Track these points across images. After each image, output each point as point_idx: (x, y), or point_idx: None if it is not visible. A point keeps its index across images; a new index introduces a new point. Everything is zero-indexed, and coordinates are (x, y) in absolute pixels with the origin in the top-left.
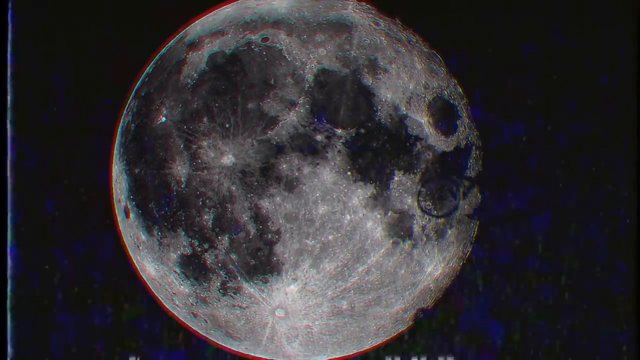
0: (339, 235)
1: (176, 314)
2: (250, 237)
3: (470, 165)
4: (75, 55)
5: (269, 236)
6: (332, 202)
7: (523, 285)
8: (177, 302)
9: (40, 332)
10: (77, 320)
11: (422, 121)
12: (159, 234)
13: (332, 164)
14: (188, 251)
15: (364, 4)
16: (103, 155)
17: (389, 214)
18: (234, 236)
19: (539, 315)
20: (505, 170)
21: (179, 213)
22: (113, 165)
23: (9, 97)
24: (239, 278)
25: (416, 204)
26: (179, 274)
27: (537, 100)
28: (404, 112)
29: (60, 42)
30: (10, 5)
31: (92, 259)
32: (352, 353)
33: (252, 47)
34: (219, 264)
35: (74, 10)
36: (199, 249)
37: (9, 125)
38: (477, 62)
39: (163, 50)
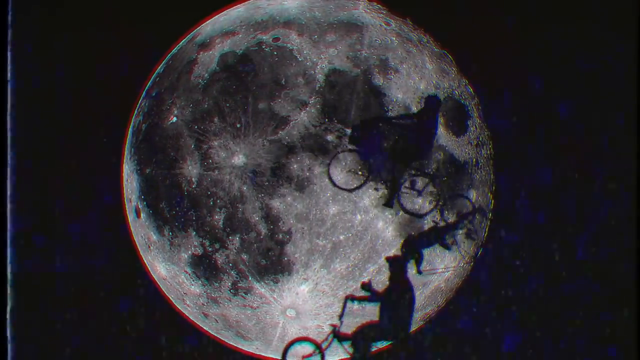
0: (350, 235)
1: (187, 314)
2: (261, 237)
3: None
4: (85, 55)
5: (280, 236)
6: (343, 202)
7: (523, 284)
8: (188, 302)
9: (42, 331)
10: (79, 320)
11: None
12: (170, 234)
13: (343, 164)
14: (199, 251)
15: (375, 4)
16: (114, 155)
17: (400, 214)
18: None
19: (539, 314)
20: (506, 170)
21: (189, 213)
22: (124, 165)
23: (9, 97)
24: (250, 278)
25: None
26: (190, 274)
27: (539, 100)
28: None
29: (70, 42)
30: (9, 4)
31: (101, 258)
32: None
33: (263, 47)
34: (230, 264)
35: (84, 10)
36: (209, 249)
37: (9, 126)
38: (488, 62)
39: (174, 50)
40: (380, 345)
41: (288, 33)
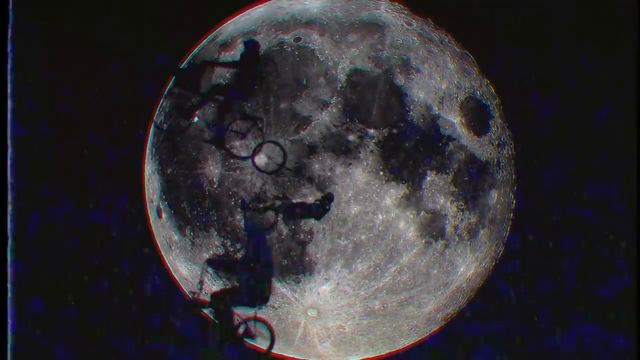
0: (372, 235)
1: (208, 313)
2: (283, 237)
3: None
4: (107, 55)
5: (302, 236)
6: (365, 202)
7: (523, 284)
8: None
9: (46, 333)
10: (92, 321)
11: (454, 121)
12: (192, 233)
13: (365, 164)
14: (220, 251)
15: (396, 4)
16: (135, 156)
17: (422, 214)
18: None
19: (539, 314)
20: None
21: (211, 213)
22: (145, 165)
23: (9, 96)
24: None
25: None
26: (211, 274)
27: (545, 102)
28: (437, 112)
29: (91, 43)
30: (11, 4)
31: (122, 257)
32: (384, 353)
33: (285, 47)
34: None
35: (106, 11)
36: (231, 249)
37: (9, 126)
38: (508, 60)
39: (195, 50)
40: (242, 311)
41: (309, 33)
